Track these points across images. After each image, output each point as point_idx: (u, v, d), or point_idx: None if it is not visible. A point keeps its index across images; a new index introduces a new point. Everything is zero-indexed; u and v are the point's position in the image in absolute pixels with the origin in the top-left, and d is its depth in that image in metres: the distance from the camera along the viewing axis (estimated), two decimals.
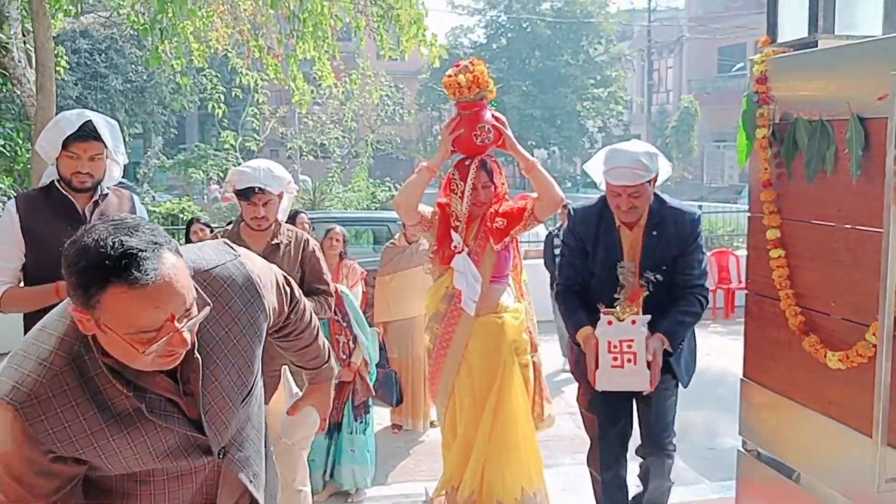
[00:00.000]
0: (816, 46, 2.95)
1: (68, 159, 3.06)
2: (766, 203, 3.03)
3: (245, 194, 3.34)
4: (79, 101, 19.49)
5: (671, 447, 3.51)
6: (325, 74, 9.06)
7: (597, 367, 3.22)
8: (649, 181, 3.24)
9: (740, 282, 10.12)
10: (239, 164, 11.93)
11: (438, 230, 3.75)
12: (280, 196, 3.45)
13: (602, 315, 3.22)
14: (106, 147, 3.13)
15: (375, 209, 13.66)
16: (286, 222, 5.95)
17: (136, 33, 8.40)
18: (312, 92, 10.16)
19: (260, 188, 3.33)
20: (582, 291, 3.44)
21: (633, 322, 3.17)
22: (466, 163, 3.70)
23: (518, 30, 32.71)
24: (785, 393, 3.04)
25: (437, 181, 3.95)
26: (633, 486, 3.70)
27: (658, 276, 3.26)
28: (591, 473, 3.68)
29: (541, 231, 8.83)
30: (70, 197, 3.11)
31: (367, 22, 9.04)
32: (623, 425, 3.51)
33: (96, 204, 3.18)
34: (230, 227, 3.59)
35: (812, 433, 2.91)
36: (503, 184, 3.79)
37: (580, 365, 3.43)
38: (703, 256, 3.38)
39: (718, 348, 7.82)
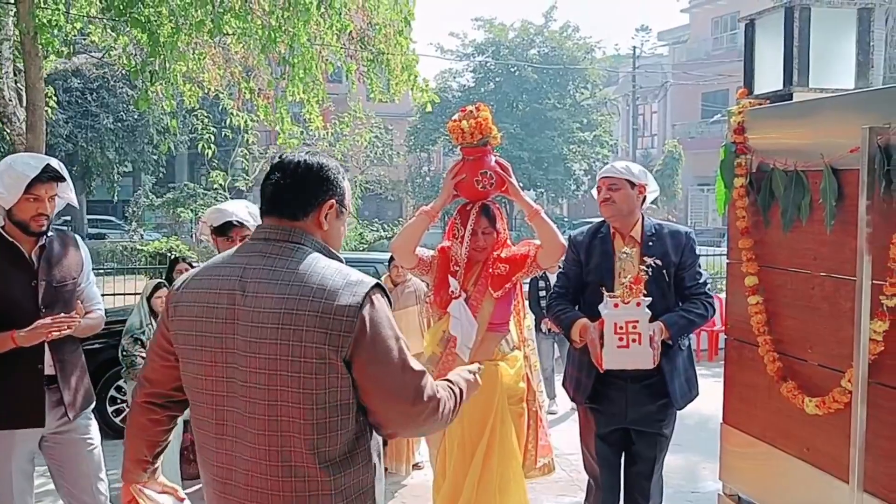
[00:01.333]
0: (791, 99, 3.04)
1: (28, 203, 3.09)
2: (744, 250, 3.10)
3: (222, 230, 3.40)
4: (69, 140, 19.59)
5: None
6: (314, 117, 9.15)
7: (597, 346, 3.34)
8: (631, 184, 3.53)
9: (724, 325, 10.20)
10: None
11: (437, 274, 3.74)
12: None
13: (608, 298, 3.31)
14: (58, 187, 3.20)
15: (363, 250, 13.70)
16: None
17: (127, 73, 8.47)
18: (302, 133, 10.25)
19: (239, 221, 3.40)
20: (573, 300, 3.61)
21: (638, 304, 3.30)
22: (468, 208, 3.70)
23: (506, 74, 33.13)
24: (764, 438, 3.08)
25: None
26: None
27: (657, 261, 3.42)
28: None
29: None
30: (17, 244, 3.14)
31: (357, 66, 9.17)
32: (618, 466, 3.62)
33: (42, 248, 3.21)
34: None
35: (790, 478, 2.94)
36: (505, 230, 3.79)
37: (569, 372, 3.63)
38: (703, 271, 3.60)
39: (703, 391, 7.83)
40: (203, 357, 1.92)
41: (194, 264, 6.42)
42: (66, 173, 3.25)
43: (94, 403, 3.47)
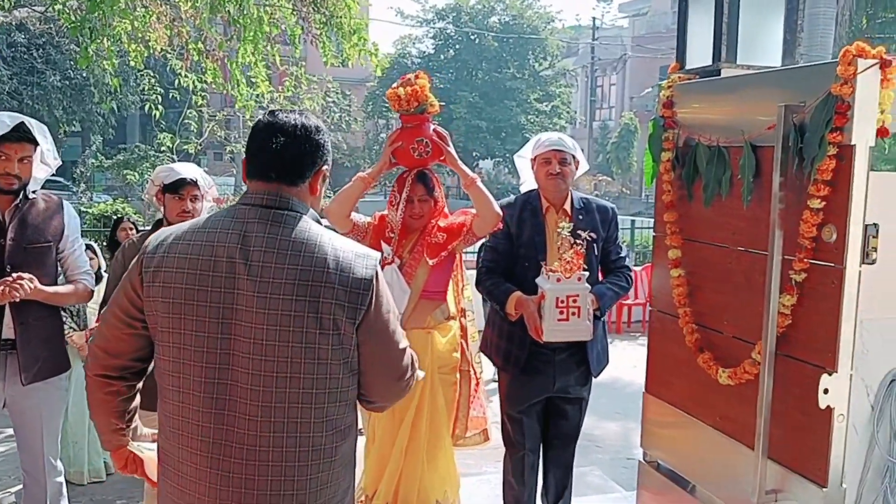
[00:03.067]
0: (720, 75, 3.08)
1: (10, 162, 3.06)
2: (669, 224, 3.15)
3: (174, 188, 3.35)
4: (13, 97, 19.03)
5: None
6: (260, 81, 9.01)
7: (537, 320, 3.39)
8: (573, 157, 3.59)
9: (648, 297, 10.48)
10: None
11: (372, 240, 3.73)
12: (203, 197, 3.48)
13: (550, 273, 3.35)
14: (35, 150, 3.14)
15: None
16: None
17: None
18: (258, 97, 10.08)
19: (192, 179, 3.36)
20: (504, 274, 3.63)
21: (580, 279, 3.36)
22: (405, 175, 3.71)
23: (466, 42, 32.97)
24: (682, 407, 3.16)
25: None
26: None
27: (592, 234, 3.47)
28: (508, 481, 3.80)
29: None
30: None
31: (310, 29, 9.03)
32: (538, 433, 3.69)
33: (17, 208, 3.17)
34: (150, 228, 3.58)
35: (705, 446, 3.02)
36: (443, 198, 3.80)
37: (494, 341, 3.67)
38: (622, 245, 3.81)
39: (644, 361, 8.03)
40: (194, 327, 1.83)
41: (140, 227, 6.34)
42: (44, 137, 3.17)
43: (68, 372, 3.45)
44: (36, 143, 3.15)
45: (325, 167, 1.99)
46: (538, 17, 33.39)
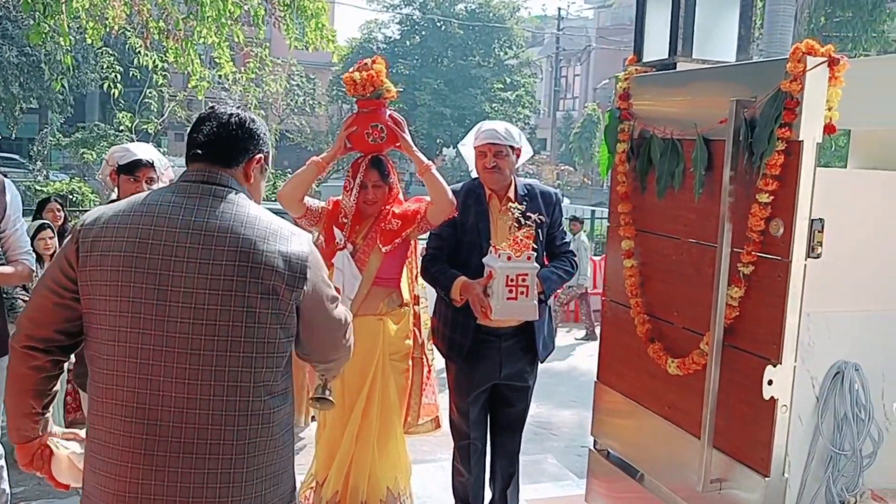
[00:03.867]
0: (675, 68, 3.11)
1: None
2: (623, 215, 3.18)
3: (129, 169, 3.29)
4: None
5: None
6: (224, 61, 8.89)
7: (484, 301, 3.41)
8: (512, 149, 3.57)
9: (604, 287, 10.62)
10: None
11: (325, 226, 3.71)
12: (159, 179, 3.43)
13: (500, 252, 3.37)
14: None
15: (275, 200, 13.47)
16: None
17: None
18: (219, 77, 9.95)
19: (147, 161, 3.30)
20: (449, 261, 3.64)
21: (529, 258, 3.38)
22: (360, 161, 3.68)
23: (432, 28, 32.85)
24: (632, 396, 3.20)
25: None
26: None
27: (541, 217, 3.50)
28: (456, 468, 3.82)
29: None
30: None
31: (273, 10, 8.92)
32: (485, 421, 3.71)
33: None
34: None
35: (653, 435, 3.07)
36: (397, 185, 3.77)
37: (440, 330, 3.70)
38: (566, 230, 3.86)
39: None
40: (131, 293, 1.87)
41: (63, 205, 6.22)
42: None
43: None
44: None
45: (258, 155, 2.09)
46: (504, 5, 33.39)
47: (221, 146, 2.03)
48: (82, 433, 2.13)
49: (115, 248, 1.89)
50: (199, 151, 2.03)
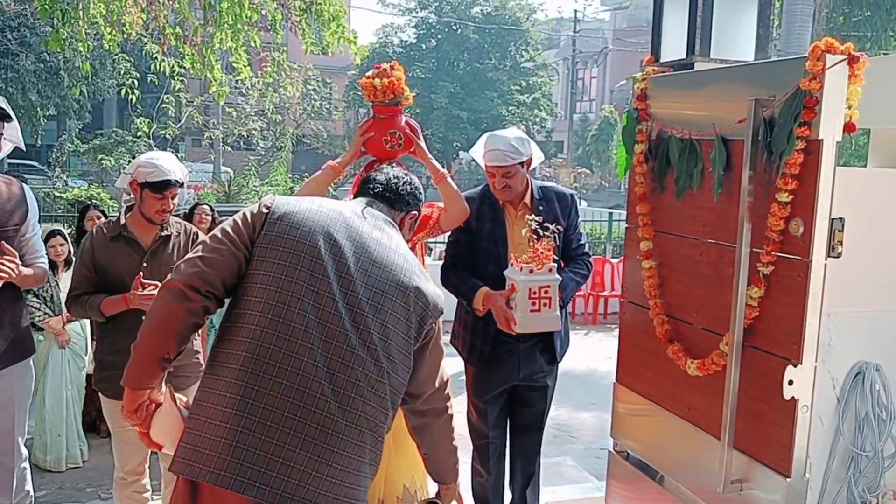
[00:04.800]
0: (693, 68, 3.10)
1: None
2: (641, 216, 3.17)
3: (159, 187, 3.30)
4: None
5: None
6: (241, 67, 8.94)
7: (508, 313, 3.42)
8: (522, 163, 3.53)
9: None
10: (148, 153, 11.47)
11: None
12: None
13: (522, 265, 3.38)
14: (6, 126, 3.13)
15: None
16: (185, 215, 5.91)
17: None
18: (237, 82, 10.00)
19: (178, 181, 3.33)
20: (466, 267, 3.63)
21: (550, 270, 3.39)
22: (376, 166, 3.63)
23: (448, 32, 32.87)
24: (651, 397, 3.19)
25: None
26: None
27: (560, 227, 3.49)
28: (475, 468, 3.82)
29: None
30: None
31: (290, 15, 8.97)
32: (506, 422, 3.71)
33: None
34: (116, 217, 3.54)
35: (673, 436, 3.05)
36: None
37: (460, 334, 3.68)
38: (583, 231, 3.84)
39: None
40: (307, 279, 2.04)
41: (110, 214, 6.28)
42: (11, 112, 3.16)
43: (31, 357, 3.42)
44: (9, 119, 3.14)
45: (413, 212, 2.46)
46: (520, 8, 33.35)
47: (395, 192, 2.40)
48: (186, 399, 2.19)
49: (305, 228, 2.08)
50: (377, 190, 2.39)
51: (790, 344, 2.49)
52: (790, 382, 2.47)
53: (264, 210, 2.14)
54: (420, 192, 2.49)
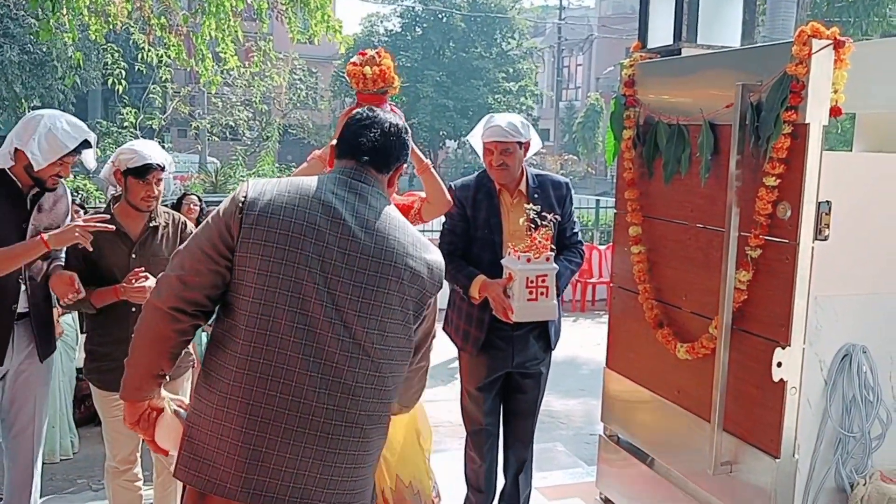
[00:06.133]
0: (680, 54, 3.12)
1: (54, 166, 3.13)
2: (630, 201, 3.20)
3: (140, 172, 3.30)
4: None
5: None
6: (229, 56, 8.89)
7: (505, 301, 3.41)
8: (520, 144, 3.50)
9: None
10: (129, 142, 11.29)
11: None
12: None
13: (520, 254, 3.37)
14: None
15: None
16: (174, 205, 5.88)
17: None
18: (224, 72, 9.94)
19: (159, 165, 3.33)
20: (464, 256, 3.61)
21: (548, 259, 3.37)
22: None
23: (433, 21, 32.78)
24: (641, 382, 3.22)
25: None
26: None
27: (558, 216, 3.48)
28: (469, 455, 3.84)
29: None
30: (18, 183, 3.16)
31: (276, 4, 8.93)
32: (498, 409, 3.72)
33: (39, 193, 3.23)
34: (102, 210, 3.54)
35: (663, 420, 3.09)
36: (395, 181, 3.78)
37: (454, 321, 3.65)
38: (576, 220, 3.80)
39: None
40: (296, 274, 1.94)
41: (85, 206, 6.23)
42: (94, 140, 3.28)
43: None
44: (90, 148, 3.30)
45: (403, 164, 2.22)
46: None
47: (382, 154, 2.15)
48: (187, 401, 2.17)
49: (283, 227, 1.96)
50: (356, 151, 2.13)
51: (778, 326, 2.52)
52: (779, 365, 2.50)
53: (238, 210, 2.01)
54: (408, 138, 2.25)
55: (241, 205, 2.00)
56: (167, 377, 2.11)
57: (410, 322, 2.07)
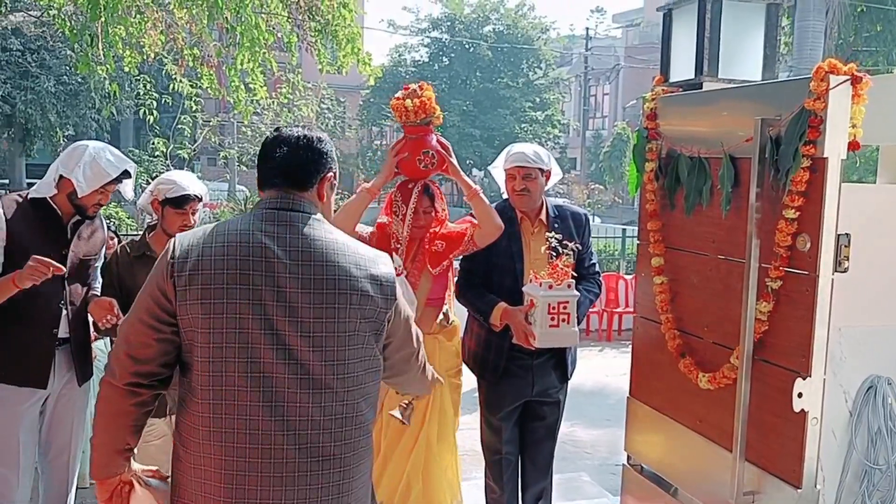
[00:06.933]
0: (701, 88, 3.17)
1: (96, 194, 3.26)
2: (652, 232, 3.24)
3: (178, 203, 3.40)
4: (6, 101, 19.02)
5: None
6: (258, 87, 9.07)
7: (527, 328, 3.44)
8: (542, 172, 3.59)
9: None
10: (167, 172, 11.51)
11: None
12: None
13: (542, 281, 3.41)
14: None
15: None
16: None
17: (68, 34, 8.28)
18: (253, 102, 10.12)
19: (197, 196, 3.42)
20: (483, 283, 3.66)
21: (570, 286, 3.41)
22: (409, 186, 3.64)
23: (460, 51, 33.10)
24: (664, 411, 3.23)
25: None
26: None
27: (579, 245, 3.54)
28: (489, 485, 3.85)
29: None
30: (59, 212, 3.28)
31: (305, 36, 9.11)
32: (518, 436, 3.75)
33: (79, 223, 3.35)
34: (140, 236, 3.63)
35: (686, 449, 3.10)
36: (444, 209, 3.78)
37: (472, 350, 3.71)
38: (594, 251, 3.90)
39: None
40: (239, 324, 1.90)
41: (118, 234, 6.35)
42: (133, 170, 3.41)
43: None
44: (129, 177, 3.41)
45: (329, 174, 2.12)
46: (532, 26, 33.56)
47: (297, 171, 2.05)
48: (162, 471, 2.15)
49: (217, 281, 1.91)
50: (270, 177, 2.06)
51: (799, 357, 2.54)
52: (799, 395, 2.51)
53: (169, 273, 1.95)
54: (325, 145, 2.11)
55: (170, 266, 1.96)
56: (135, 451, 2.10)
57: (371, 343, 2.02)
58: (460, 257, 3.78)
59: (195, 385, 1.95)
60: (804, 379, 2.51)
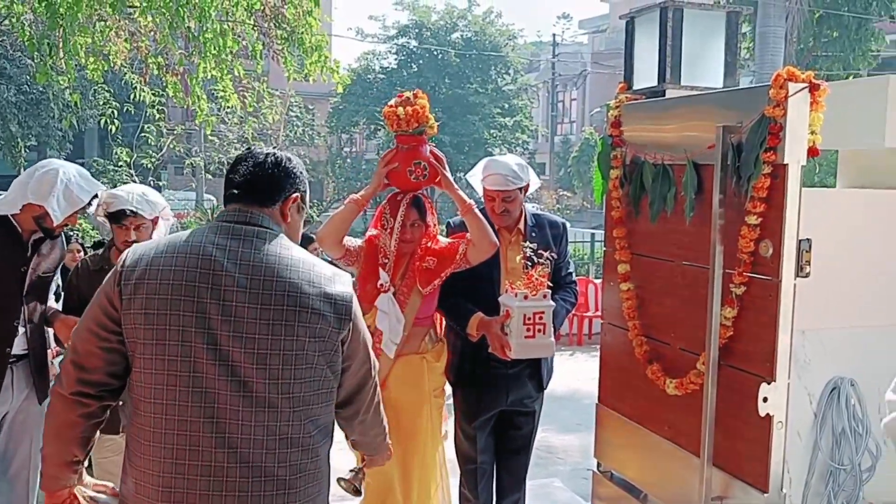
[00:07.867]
0: (664, 95, 3.19)
1: (69, 218, 3.21)
2: (618, 239, 3.25)
3: (116, 217, 3.34)
4: None
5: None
6: (229, 94, 9.00)
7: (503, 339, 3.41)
8: (521, 189, 3.54)
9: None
10: (133, 182, 11.53)
11: (363, 265, 3.55)
12: (155, 221, 3.45)
13: (517, 291, 3.36)
14: None
15: None
16: None
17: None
18: (220, 109, 10.02)
19: (132, 211, 3.33)
20: (461, 293, 3.57)
21: (545, 296, 3.38)
22: (399, 198, 3.50)
23: (428, 57, 33.13)
24: (632, 417, 3.25)
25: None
26: None
27: (554, 254, 3.51)
28: (463, 494, 3.84)
29: None
30: (19, 229, 3.21)
31: (271, 44, 9.06)
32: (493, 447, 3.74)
33: (39, 240, 3.28)
34: (101, 251, 3.57)
35: (655, 455, 3.11)
36: (435, 223, 3.64)
37: (454, 360, 3.65)
38: (571, 260, 3.89)
39: None
40: (182, 337, 1.87)
41: (85, 245, 6.22)
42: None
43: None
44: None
45: (295, 195, 2.09)
46: (500, 33, 33.67)
47: (258, 186, 2.04)
48: (113, 487, 2.12)
49: (162, 291, 1.89)
50: (236, 192, 2.04)
51: (763, 362, 2.56)
52: (765, 399, 2.54)
53: (116, 282, 1.94)
54: (295, 167, 2.10)
55: (118, 275, 1.94)
56: (83, 463, 2.06)
57: (321, 364, 1.97)
58: None
59: (137, 397, 1.93)
60: (769, 384, 2.53)
